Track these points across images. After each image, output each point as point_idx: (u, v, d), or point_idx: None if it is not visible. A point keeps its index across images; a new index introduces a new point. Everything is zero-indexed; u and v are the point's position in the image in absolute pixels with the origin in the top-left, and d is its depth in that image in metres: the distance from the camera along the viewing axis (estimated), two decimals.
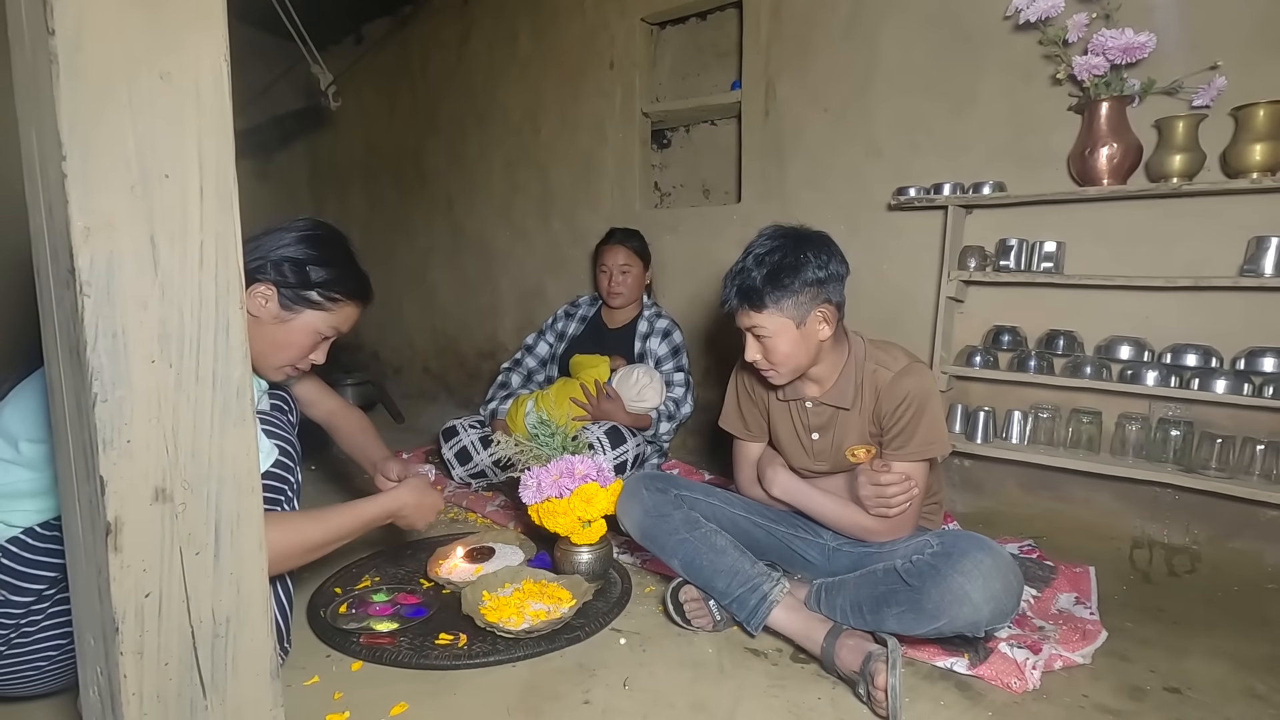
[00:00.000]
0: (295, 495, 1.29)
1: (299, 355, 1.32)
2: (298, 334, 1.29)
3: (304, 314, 1.28)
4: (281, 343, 1.29)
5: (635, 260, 2.48)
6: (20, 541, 1.07)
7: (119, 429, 0.72)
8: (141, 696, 0.76)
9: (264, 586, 0.86)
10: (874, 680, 1.16)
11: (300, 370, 1.37)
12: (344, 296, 1.32)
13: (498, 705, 1.21)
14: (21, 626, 1.07)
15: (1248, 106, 1.68)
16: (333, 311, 1.31)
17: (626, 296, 2.48)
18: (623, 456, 2.16)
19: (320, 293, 1.29)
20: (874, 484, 1.41)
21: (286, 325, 1.28)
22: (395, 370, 3.98)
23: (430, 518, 1.50)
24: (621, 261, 2.46)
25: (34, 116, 0.72)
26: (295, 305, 1.27)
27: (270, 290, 1.25)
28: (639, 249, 2.52)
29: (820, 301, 1.42)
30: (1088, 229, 1.97)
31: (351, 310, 1.35)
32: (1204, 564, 1.81)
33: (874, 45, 2.25)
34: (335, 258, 1.31)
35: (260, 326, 1.25)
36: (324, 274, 1.28)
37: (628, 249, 2.48)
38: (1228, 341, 1.80)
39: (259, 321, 1.25)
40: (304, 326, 1.29)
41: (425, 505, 1.48)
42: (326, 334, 1.33)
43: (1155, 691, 1.27)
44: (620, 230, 2.55)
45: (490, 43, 3.26)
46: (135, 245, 0.72)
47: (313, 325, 1.30)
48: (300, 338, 1.30)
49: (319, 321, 1.30)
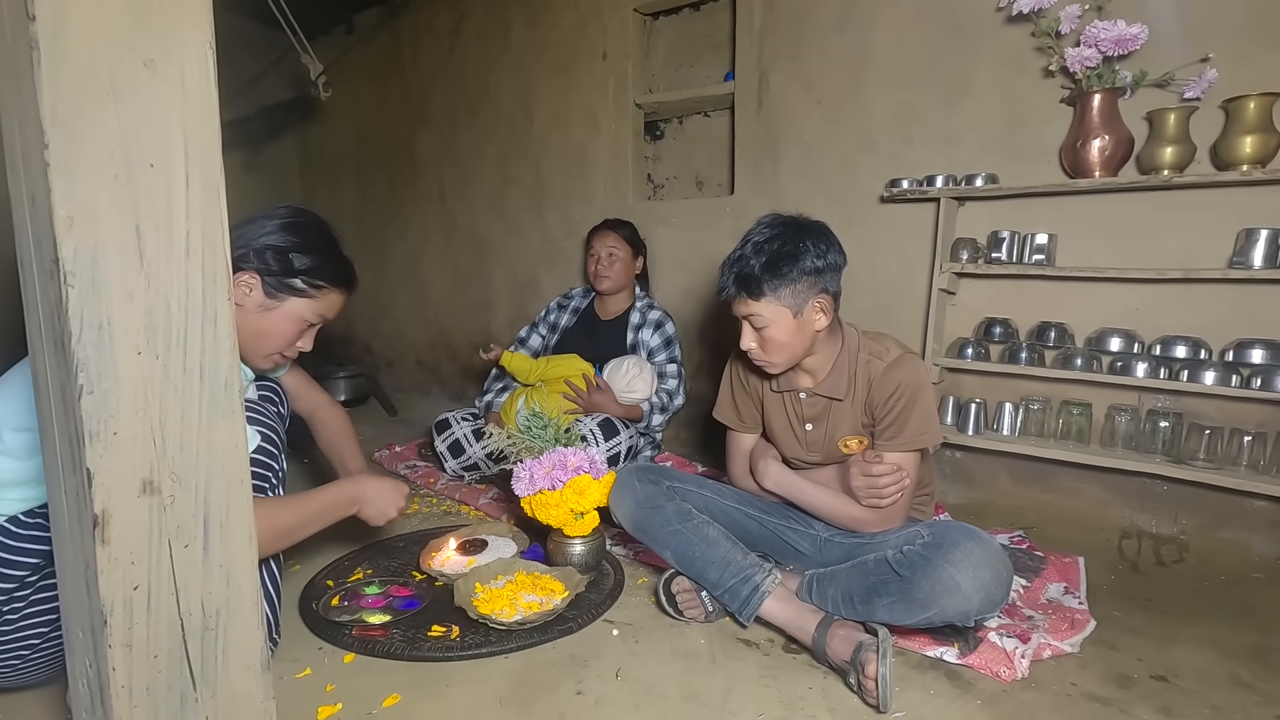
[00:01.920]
0: (280, 483, 1.29)
1: (285, 343, 1.32)
2: (283, 322, 1.29)
3: (288, 302, 1.28)
4: (267, 331, 1.29)
5: (623, 245, 2.48)
6: (3, 529, 1.07)
7: (105, 421, 0.71)
8: (131, 689, 0.76)
9: (254, 579, 0.86)
10: (864, 670, 1.17)
11: (288, 358, 1.37)
12: (328, 283, 1.32)
13: (490, 696, 1.21)
14: (3, 613, 1.07)
15: (1238, 99, 1.68)
16: (317, 299, 1.31)
17: (614, 281, 2.47)
18: (616, 449, 2.16)
19: (304, 280, 1.28)
20: (866, 474, 1.42)
21: (271, 314, 1.27)
22: (388, 363, 3.97)
23: (392, 510, 1.44)
24: (609, 244, 2.46)
25: (15, 105, 0.71)
26: (279, 293, 1.27)
27: (254, 279, 1.25)
28: (629, 236, 2.51)
29: (818, 291, 1.42)
30: (1079, 221, 1.97)
31: (336, 297, 1.35)
32: (1192, 554, 1.83)
33: (867, 37, 2.24)
34: (318, 245, 1.31)
35: (245, 315, 1.25)
36: (307, 261, 1.28)
37: (616, 234, 2.49)
38: (1217, 333, 1.81)
39: (244, 310, 1.25)
40: (289, 314, 1.29)
41: (387, 494, 1.42)
42: (312, 321, 1.33)
43: (1142, 679, 1.28)
44: (612, 219, 2.56)
45: (482, 33, 3.24)
46: (120, 235, 0.71)
47: (298, 313, 1.30)
48: (286, 326, 1.30)
49: (304, 309, 1.30)
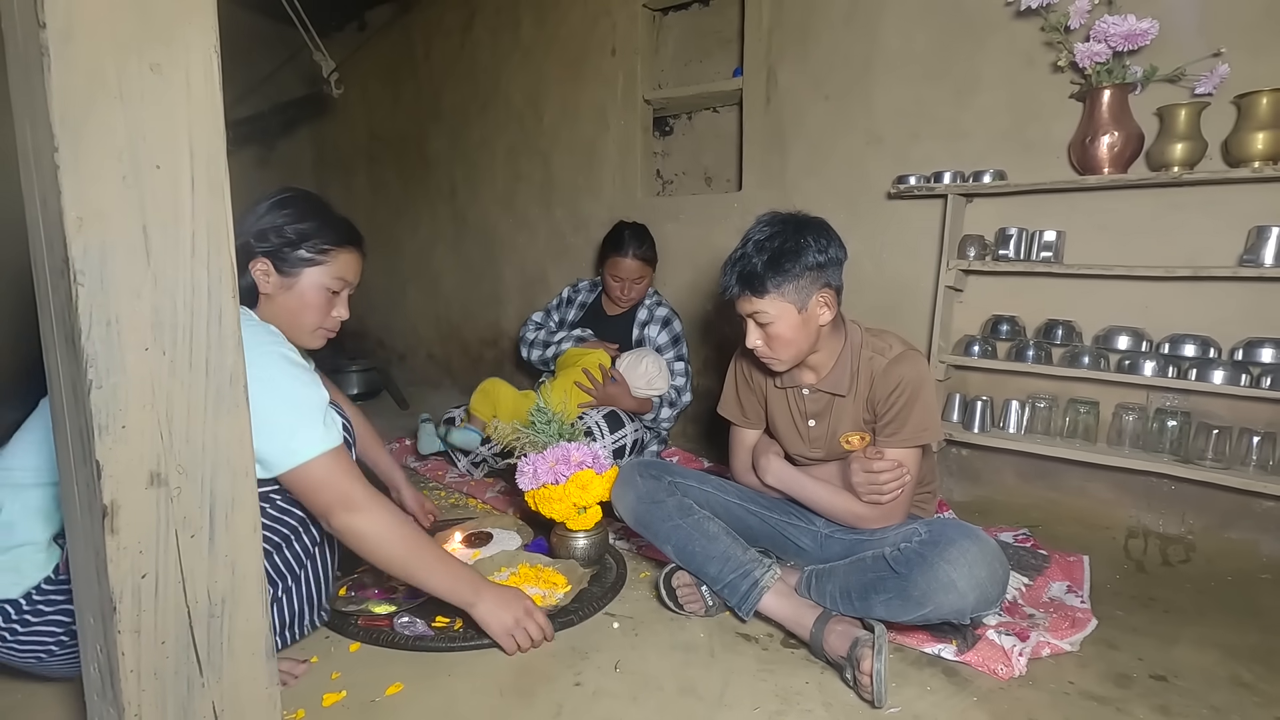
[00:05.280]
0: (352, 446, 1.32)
1: (320, 315, 1.34)
2: (307, 294, 1.31)
3: (304, 273, 1.30)
4: (296, 307, 1.31)
5: (648, 270, 2.48)
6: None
7: (114, 415, 0.74)
8: (139, 674, 0.79)
9: (259, 569, 0.88)
10: (860, 665, 1.18)
11: (330, 331, 1.38)
12: (331, 244, 1.33)
13: (490, 686, 1.23)
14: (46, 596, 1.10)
15: (1251, 94, 1.66)
16: (328, 263, 1.32)
17: (634, 301, 2.51)
18: (621, 441, 2.18)
19: (308, 248, 1.30)
20: (867, 470, 1.43)
21: (293, 290, 1.30)
22: (400, 357, 4.01)
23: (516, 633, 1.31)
24: (635, 275, 2.44)
25: (27, 108, 0.73)
26: (292, 268, 1.29)
27: (264, 263, 1.27)
28: (649, 256, 2.48)
29: (821, 285, 1.43)
30: (1088, 218, 1.96)
31: (348, 257, 1.36)
32: (1198, 554, 1.82)
33: (875, 31, 2.23)
34: (309, 211, 1.32)
35: (273, 302, 1.29)
36: (303, 228, 1.30)
37: (640, 261, 2.44)
38: (1226, 331, 1.79)
39: (271, 298, 1.29)
40: (309, 284, 1.31)
41: (503, 615, 1.30)
42: (335, 287, 1.34)
43: (1141, 679, 1.28)
44: (629, 232, 2.46)
45: (493, 29, 3.25)
46: (127, 235, 0.73)
47: (317, 281, 1.31)
48: (311, 296, 1.31)
49: (321, 276, 1.32)
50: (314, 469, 1.13)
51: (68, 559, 1.03)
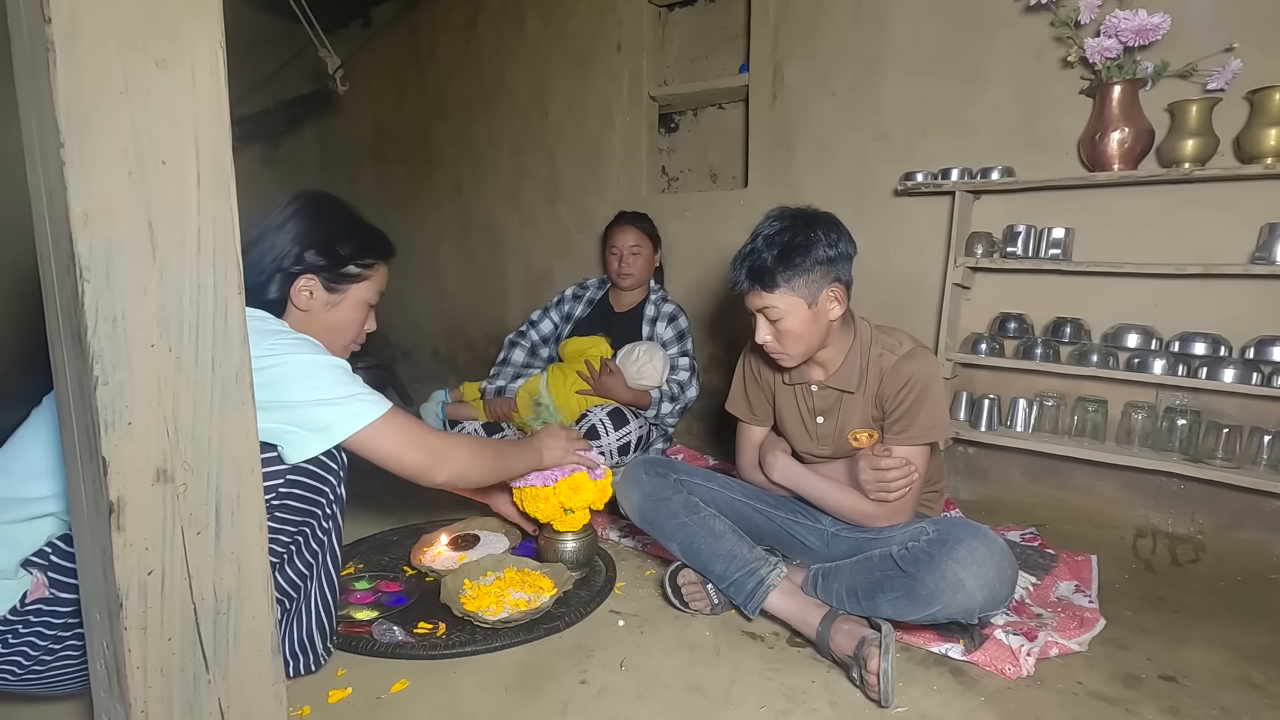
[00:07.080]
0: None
1: (357, 331, 1.34)
2: (351, 310, 1.30)
3: (350, 290, 1.29)
4: (340, 324, 1.30)
5: (645, 241, 2.47)
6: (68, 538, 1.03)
7: (120, 411, 0.74)
8: (145, 670, 0.79)
9: (265, 566, 0.88)
10: (867, 664, 1.17)
11: (359, 345, 1.38)
12: (377, 259, 1.33)
13: (496, 684, 1.23)
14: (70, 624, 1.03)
15: (1264, 90, 1.64)
16: (373, 278, 1.32)
17: (637, 278, 2.47)
18: (626, 438, 2.17)
19: (356, 265, 1.29)
20: (874, 468, 1.42)
21: (338, 307, 1.28)
22: (405, 353, 4.02)
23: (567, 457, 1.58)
24: (632, 243, 2.44)
25: (33, 104, 0.73)
26: (340, 285, 1.28)
27: (311, 280, 1.24)
28: (649, 230, 2.50)
29: (831, 280, 1.42)
30: (1097, 215, 1.94)
31: (385, 269, 1.36)
32: (1208, 554, 1.81)
33: (882, 27, 2.22)
34: (352, 226, 1.32)
35: (312, 318, 1.25)
36: (351, 245, 1.28)
37: (638, 229, 2.47)
38: (1237, 330, 1.78)
39: (310, 315, 1.25)
40: (354, 301, 1.30)
41: (557, 451, 1.55)
42: (372, 301, 1.34)
43: (1150, 679, 1.27)
44: (629, 212, 2.54)
45: (498, 26, 3.24)
46: (133, 231, 0.73)
47: (361, 297, 1.31)
48: (354, 314, 1.31)
49: (365, 292, 1.31)
50: (384, 425, 1.14)
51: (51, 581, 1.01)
